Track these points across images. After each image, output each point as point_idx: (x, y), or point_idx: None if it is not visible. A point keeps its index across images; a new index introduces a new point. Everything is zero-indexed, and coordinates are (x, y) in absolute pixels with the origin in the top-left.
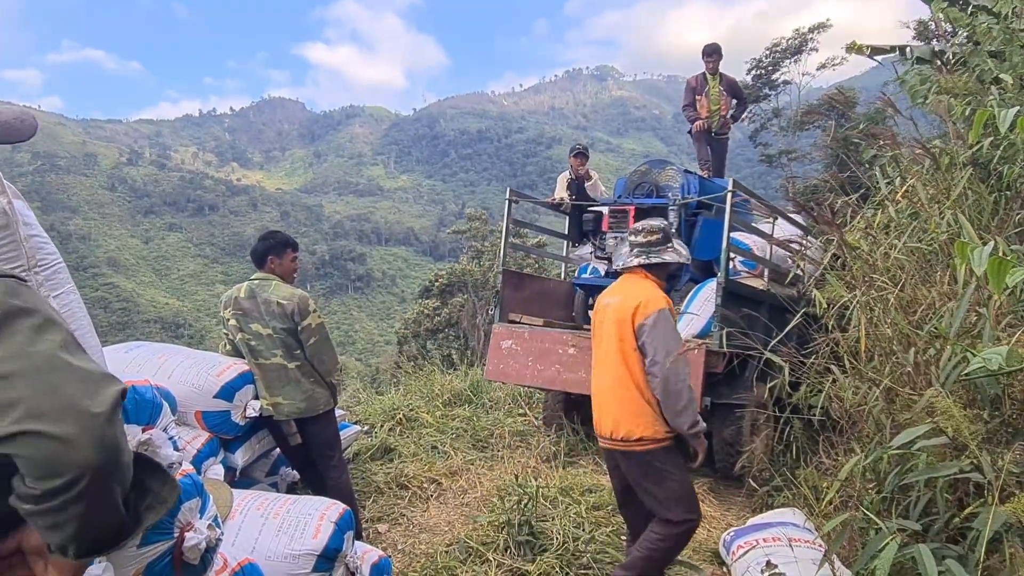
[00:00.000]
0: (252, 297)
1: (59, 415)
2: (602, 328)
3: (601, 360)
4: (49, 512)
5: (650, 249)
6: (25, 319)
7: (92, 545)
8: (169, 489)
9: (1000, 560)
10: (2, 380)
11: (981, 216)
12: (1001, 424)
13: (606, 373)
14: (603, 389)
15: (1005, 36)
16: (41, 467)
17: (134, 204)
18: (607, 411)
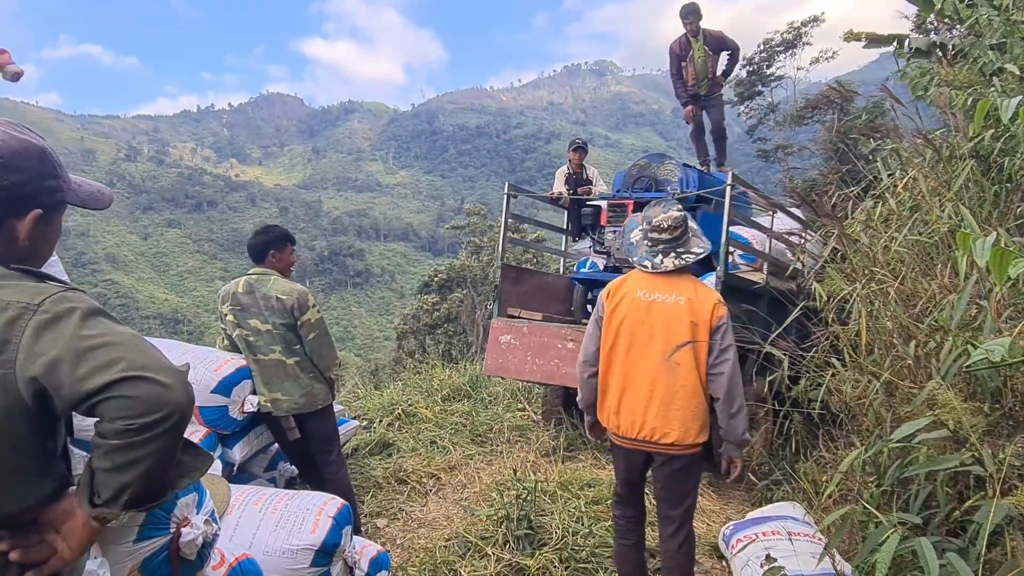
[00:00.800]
0: (250, 292)
1: (157, 368)
2: (652, 327)
3: (657, 357)
4: (135, 445)
5: (682, 245)
6: (104, 315)
7: (145, 494)
8: (203, 459)
9: (1001, 553)
10: (105, 346)
11: (982, 208)
12: (1002, 417)
13: (660, 375)
14: (649, 390)
15: (1006, 28)
16: (144, 403)
17: (133, 200)
18: (667, 416)
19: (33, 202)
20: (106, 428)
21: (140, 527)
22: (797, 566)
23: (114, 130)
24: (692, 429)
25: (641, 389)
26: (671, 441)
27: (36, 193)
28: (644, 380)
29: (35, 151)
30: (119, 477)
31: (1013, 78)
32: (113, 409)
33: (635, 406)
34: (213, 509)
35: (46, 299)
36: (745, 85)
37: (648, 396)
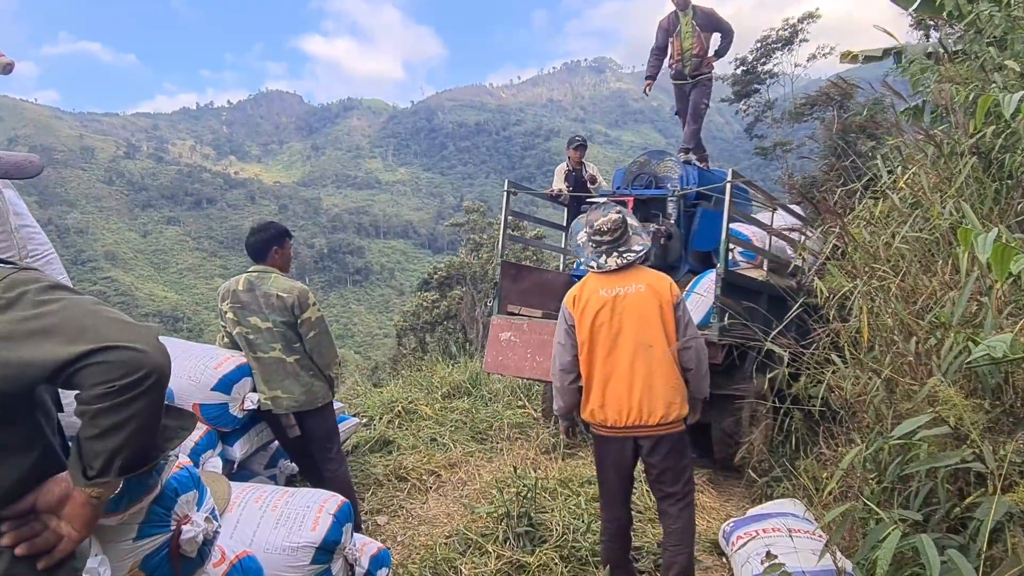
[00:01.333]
0: (251, 290)
1: (127, 334)
2: (622, 317)
3: (630, 345)
4: (119, 407)
5: (623, 244)
6: (60, 288)
7: (135, 457)
8: (188, 420)
9: (1002, 550)
10: (70, 319)
11: (982, 205)
12: (1003, 413)
13: (637, 360)
14: (629, 376)
15: (1007, 24)
16: (120, 368)
17: (132, 198)
18: (652, 395)
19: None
20: (87, 395)
21: (140, 525)
22: (798, 563)
23: (113, 128)
24: (675, 403)
25: (622, 377)
26: (658, 419)
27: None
28: (624, 369)
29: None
30: (107, 443)
31: (1014, 74)
32: (91, 376)
33: (620, 394)
34: (214, 506)
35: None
36: (742, 83)
37: (630, 381)
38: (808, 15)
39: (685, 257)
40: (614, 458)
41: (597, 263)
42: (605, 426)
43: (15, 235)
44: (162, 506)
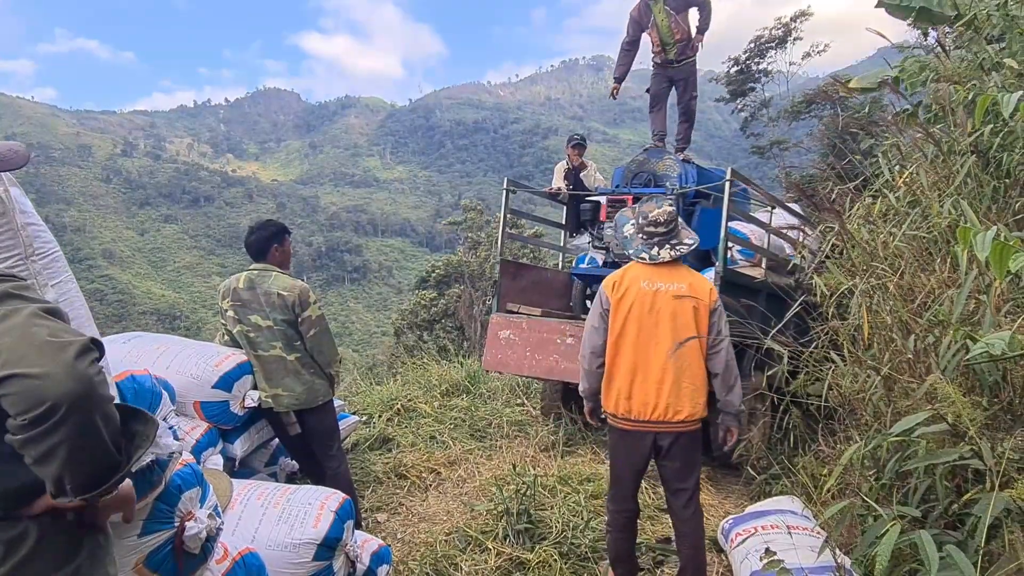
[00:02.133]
0: (252, 288)
1: (34, 358)
2: (659, 313)
3: (666, 342)
4: (37, 439)
5: (675, 237)
6: (10, 299)
7: (86, 479)
8: (150, 425)
9: (1000, 546)
10: None
11: (981, 203)
12: (1001, 410)
13: (669, 358)
14: (660, 372)
15: (1005, 23)
16: (24, 400)
17: (129, 196)
18: (679, 394)
19: None
20: (10, 424)
21: (144, 521)
22: (796, 559)
23: (110, 125)
24: (700, 403)
25: (653, 372)
26: (683, 417)
27: None
28: (656, 364)
29: None
30: (45, 469)
31: (1012, 72)
32: (6, 406)
33: (648, 388)
34: (216, 503)
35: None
36: (737, 82)
37: (660, 378)
38: (800, 13)
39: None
40: (631, 451)
41: (649, 254)
42: (629, 419)
43: (21, 233)
44: (166, 503)
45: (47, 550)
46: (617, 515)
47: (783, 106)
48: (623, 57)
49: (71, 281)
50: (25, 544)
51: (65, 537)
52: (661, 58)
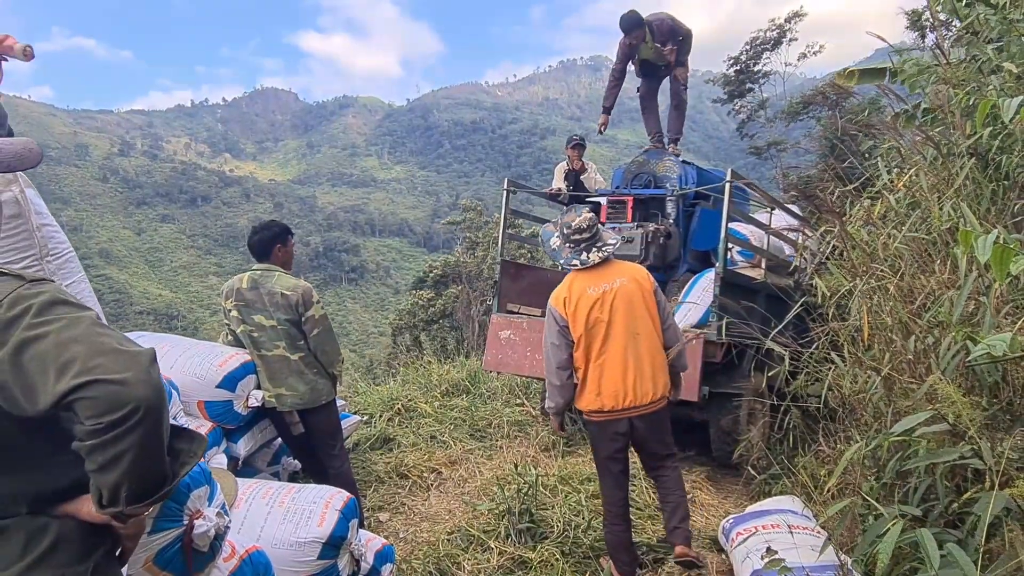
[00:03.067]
0: (255, 288)
1: (111, 365)
2: (614, 310)
3: (621, 335)
4: (109, 443)
5: (599, 239)
6: (63, 304)
7: (141, 489)
8: (197, 444)
9: (1000, 544)
10: (61, 346)
11: (980, 205)
12: (1000, 410)
13: (628, 347)
14: (623, 363)
15: (1003, 27)
16: (104, 404)
17: (126, 195)
18: (643, 378)
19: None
20: (79, 431)
21: (154, 519)
22: (797, 559)
23: (107, 124)
24: (661, 381)
25: (616, 366)
26: (652, 398)
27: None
28: (617, 358)
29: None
30: (107, 476)
31: (1011, 76)
32: (80, 411)
33: (615, 380)
34: (224, 502)
35: (3, 299)
36: (734, 83)
37: (623, 368)
38: (794, 14)
39: (684, 256)
40: (610, 437)
41: (580, 260)
42: (603, 410)
43: (36, 234)
44: (175, 501)
45: (67, 546)
46: (610, 508)
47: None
48: (611, 87)
49: (84, 281)
50: (46, 538)
51: (84, 535)
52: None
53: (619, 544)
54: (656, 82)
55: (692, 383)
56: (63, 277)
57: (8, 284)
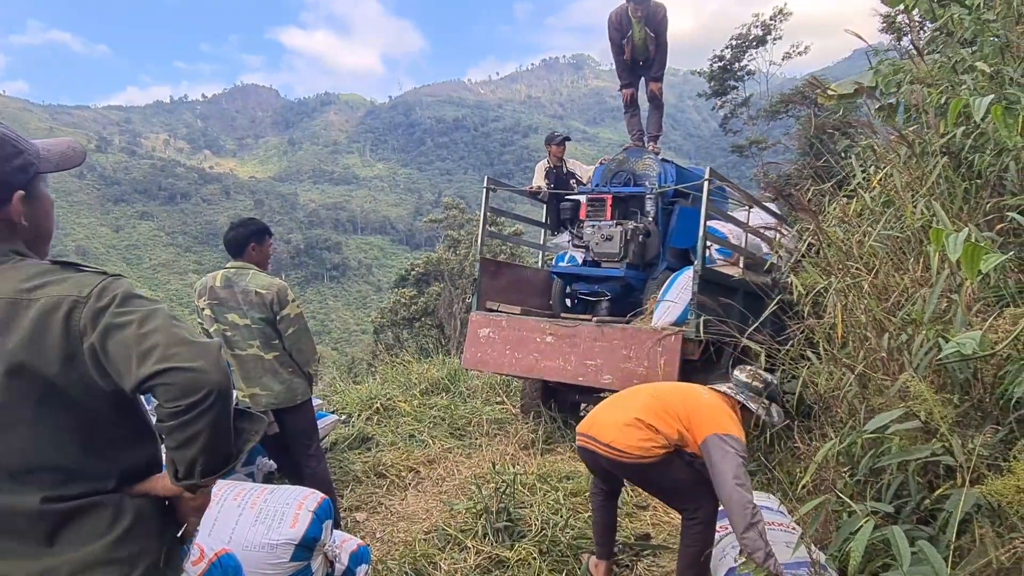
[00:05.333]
0: (229, 286)
1: (187, 354)
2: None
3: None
4: (187, 423)
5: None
6: (140, 298)
7: (214, 463)
8: (258, 423)
9: (970, 540)
10: (141, 335)
11: (952, 204)
12: (971, 408)
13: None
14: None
15: (976, 27)
16: (184, 388)
17: (103, 192)
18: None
19: (10, 186)
20: (160, 412)
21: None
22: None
23: (84, 120)
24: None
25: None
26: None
27: (8, 177)
28: (621, 410)
29: (9, 139)
30: (185, 453)
31: (983, 76)
32: (160, 394)
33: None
34: None
35: (92, 290)
36: (719, 79)
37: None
38: (779, 12)
39: (663, 254)
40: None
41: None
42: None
43: None
44: None
45: (146, 522)
46: (593, 496)
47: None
48: (619, 60)
49: None
50: (129, 514)
51: (159, 513)
52: (630, 65)
53: (596, 527)
54: (638, 81)
55: (670, 380)
56: None
57: (94, 276)
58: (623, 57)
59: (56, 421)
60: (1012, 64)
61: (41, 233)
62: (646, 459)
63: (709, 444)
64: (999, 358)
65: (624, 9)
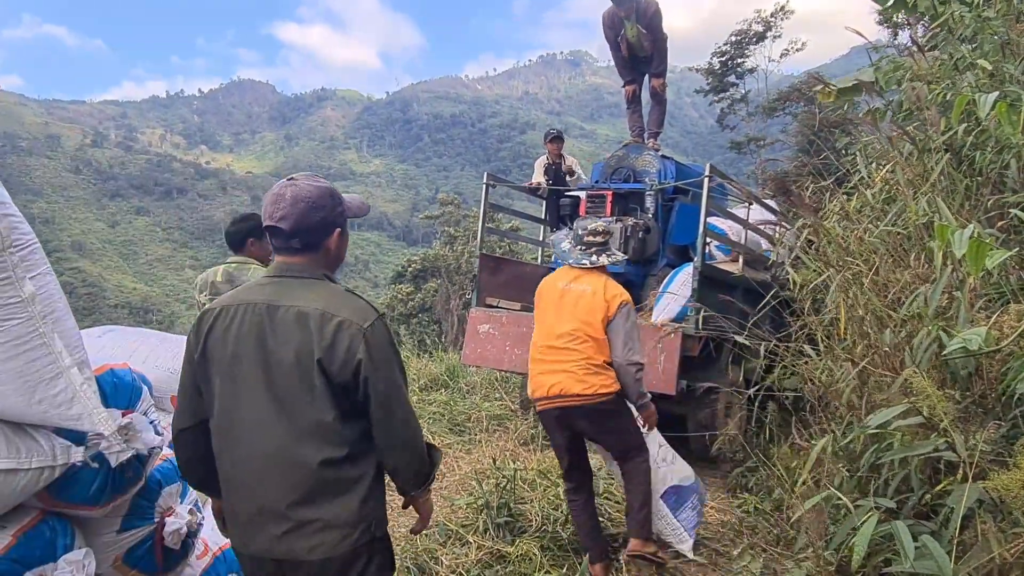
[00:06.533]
0: (230, 281)
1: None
2: (569, 306)
3: (565, 331)
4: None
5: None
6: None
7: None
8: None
9: (973, 536)
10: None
11: (954, 200)
12: (973, 403)
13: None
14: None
15: (977, 24)
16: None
17: (99, 187)
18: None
19: (334, 224)
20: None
21: (124, 517)
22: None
23: (80, 115)
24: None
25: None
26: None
27: (334, 218)
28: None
29: (327, 191)
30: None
31: (984, 73)
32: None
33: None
34: (197, 499)
35: (369, 325)
36: (718, 76)
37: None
38: (780, 8)
39: (662, 251)
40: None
41: (589, 260)
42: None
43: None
44: (146, 498)
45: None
46: (571, 503)
47: (759, 102)
48: (616, 55)
49: (49, 274)
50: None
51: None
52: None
53: (580, 528)
54: (640, 77)
55: (670, 377)
56: (27, 269)
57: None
58: (621, 54)
59: (330, 402)
60: (1012, 61)
61: (340, 261)
62: (607, 397)
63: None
64: (1002, 354)
65: (614, 13)
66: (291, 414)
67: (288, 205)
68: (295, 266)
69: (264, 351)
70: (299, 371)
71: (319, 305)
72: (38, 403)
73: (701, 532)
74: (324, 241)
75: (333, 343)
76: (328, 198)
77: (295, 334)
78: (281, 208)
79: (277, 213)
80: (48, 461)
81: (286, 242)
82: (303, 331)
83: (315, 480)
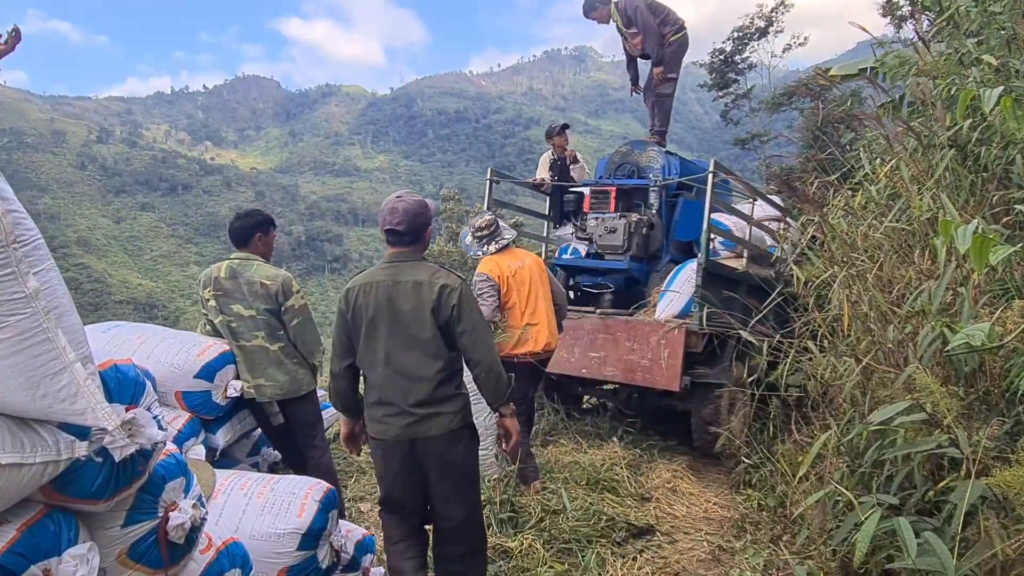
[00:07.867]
0: (233, 277)
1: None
2: (530, 281)
3: (541, 297)
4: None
5: (500, 234)
6: (473, 300)
7: (498, 387)
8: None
9: (976, 532)
10: (471, 317)
11: (959, 196)
12: (976, 400)
13: (547, 300)
14: (547, 313)
15: (983, 19)
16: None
17: (105, 183)
18: (546, 330)
19: (427, 224)
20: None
21: (128, 511)
22: None
23: (85, 111)
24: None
25: (543, 315)
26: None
27: (430, 221)
28: (543, 311)
29: (423, 203)
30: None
31: (989, 68)
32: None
33: (542, 327)
34: (201, 493)
35: (459, 285)
36: (720, 72)
37: (547, 317)
38: (781, 3)
39: (666, 247)
40: (527, 378)
41: (483, 250)
42: (532, 352)
43: (2, 220)
44: (150, 493)
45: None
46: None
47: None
48: (626, 57)
49: (53, 269)
50: (460, 389)
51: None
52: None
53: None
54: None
55: (674, 373)
56: (31, 264)
57: (456, 278)
58: (625, 51)
59: (439, 338)
60: (1018, 56)
61: (427, 247)
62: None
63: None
64: (1006, 350)
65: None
66: (415, 347)
67: (401, 214)
68: (405, 254)
69: (394, 310)
70: (419, 319)
71: (427, 277)
72: (42, 398)
73: (704, 527)
74: (423, 235)
75: (439, 297)
76: (424, 207)
77: (413, 297)
78: (397, 216)
79: (395, 220)
80: (52, 456)
81: (401, 239)
82: (418, 294)
83: (433, 385)
